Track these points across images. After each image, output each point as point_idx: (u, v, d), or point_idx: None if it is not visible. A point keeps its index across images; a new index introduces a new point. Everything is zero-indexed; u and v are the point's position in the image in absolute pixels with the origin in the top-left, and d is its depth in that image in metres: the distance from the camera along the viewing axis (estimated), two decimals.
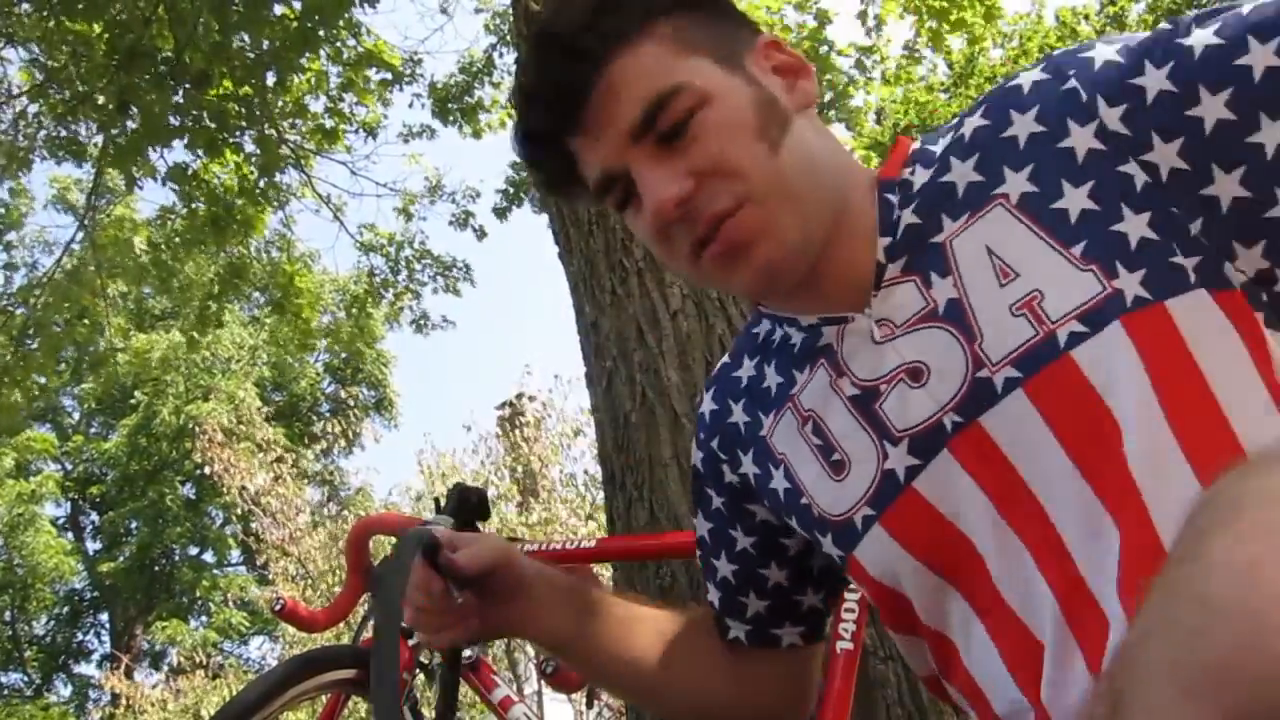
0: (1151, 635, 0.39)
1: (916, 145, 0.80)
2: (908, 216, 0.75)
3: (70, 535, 16.73)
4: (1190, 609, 0.37)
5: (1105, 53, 0.69)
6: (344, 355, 16.20)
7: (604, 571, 2.10)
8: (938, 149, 0.77)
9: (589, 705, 1.98)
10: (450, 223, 7.29)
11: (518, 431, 8.88)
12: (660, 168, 0.73)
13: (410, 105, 6.27)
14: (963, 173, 0.73)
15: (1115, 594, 0.62)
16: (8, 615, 15.85)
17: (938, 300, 0.71)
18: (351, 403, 14.41)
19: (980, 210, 0.71)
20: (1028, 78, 0.73)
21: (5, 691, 15.68)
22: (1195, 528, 0.41)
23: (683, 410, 1.83)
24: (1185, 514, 0.42)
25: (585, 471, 8.45)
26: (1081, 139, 0.68)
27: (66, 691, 16.40)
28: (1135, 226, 0.66)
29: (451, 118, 6.25)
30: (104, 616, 16.85)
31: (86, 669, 16.55)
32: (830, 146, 0.80)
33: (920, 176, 0.76)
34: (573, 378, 8.83)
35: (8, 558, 15.20)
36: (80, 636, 16.85)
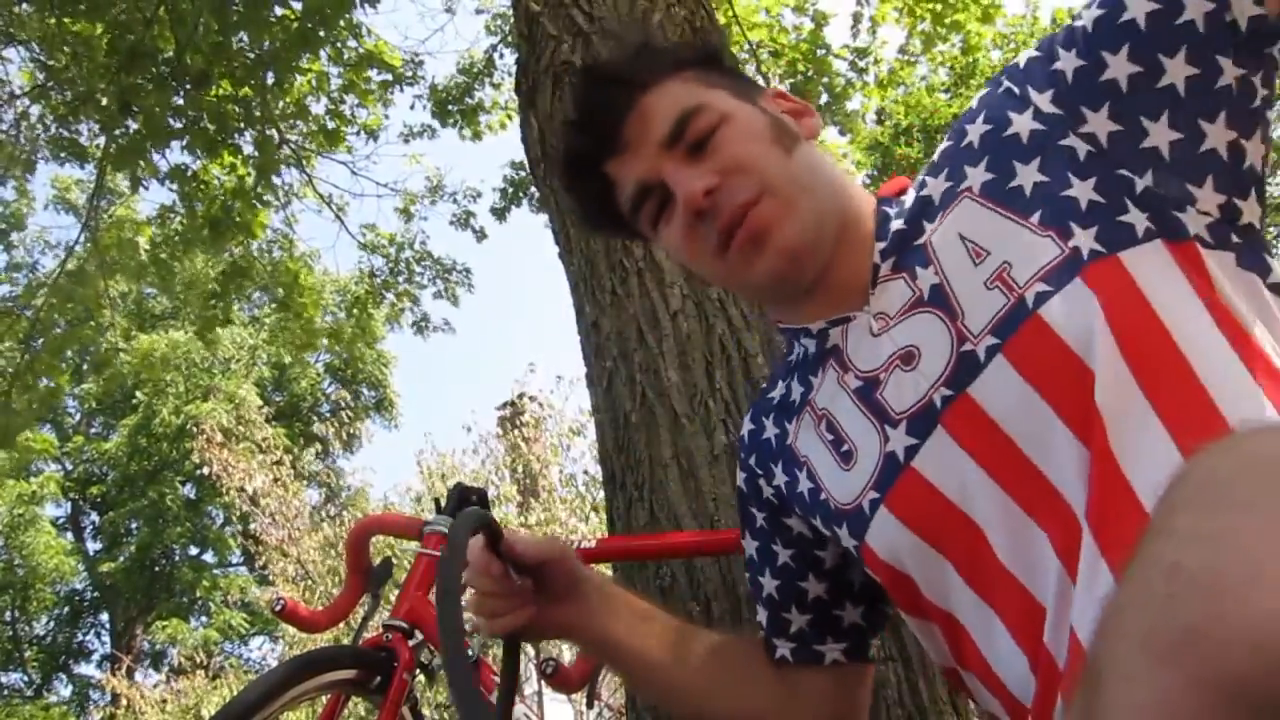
0: (1126, 607, 0.40)
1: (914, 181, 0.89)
2: (896, 224, 0.84)
3: (70, 535, 16.72)
4: (1161, 579, 0.39)
5: (1028, 54, 0.80)
6: (344, 355, 16.20)
7: (604, 571, 2.10)
8: (923, 177, 0.85)
9: (589, 705, 1.98)
10: (451, 223, 7.29)
11: (518, 431, 8.88)
12: (689, 168, 0.84)
13: (411, 106, 6.26)
14: (936, 185, 0.82)
15: (1089, 527, 0.65)
16: (8, 615, 15.85)
17: (923, 289, 0.78)
18: (350, 403, 14.39)
19: (950, 207, 0.79)
20: (975, 98, 0.83)
21: (5, 691, 15.68)
22: (1169, 503, 0.43)
23: (683, 410, 1.83)
24: (1161, 490, 0.44)
25: (585, 472, 8.45)
26: (1023, 123, 0.76)
27: (66, 691, 16.41)
28: (1083, 191, 0.73)
29: (451, 119, 6.25)
30: (104, 616, 16.84)
31: (86, 669, 16.56)
32: (836, 170, 0.89)
33: (910, 197, 0.86)
34: (574, 378, 8.83)
35: (8, 558, 15.20)
36: (80, 636, 16.85)
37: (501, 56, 6.45)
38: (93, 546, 16.99)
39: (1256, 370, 0.67)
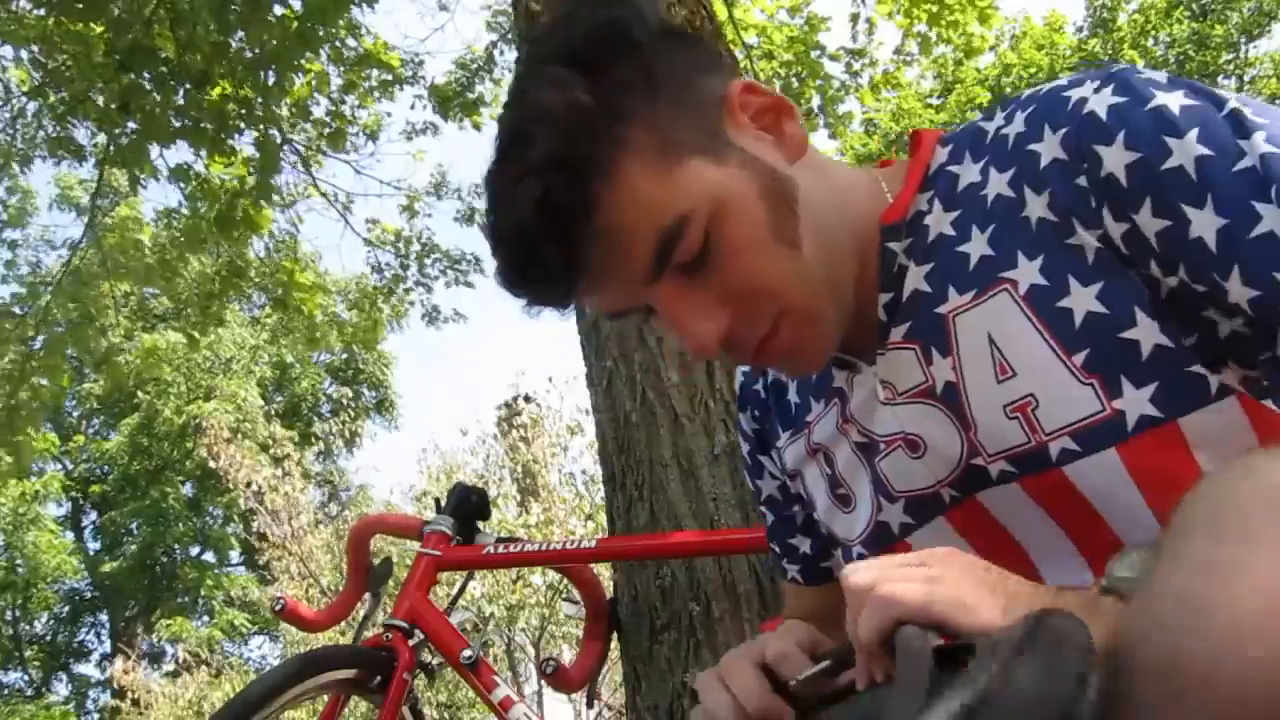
0: (1137, 639, 0.39)
1: (942, 158, 0.73)
2: (915, 279, 0.71)
3: (71, 535, 16.73)
4: (1173, 611, 0.37)
5: (1117, 154, 0.61)
6: (345, 355, 16.18)
7: (604, 571, 2.10)
8: (961, 176, 0.71)
9: (589, 705, 1.98)
10: (455, 219, 7.28)
11: (517, 431, 8.88)
12: (688, 301, 0.68)
13: (411, 106, 6.25)
14: (978, 245, 0.68)
15: None
16: (9, 615, 15.85)
17: (936, 379, 0.69)
18: (352, 403, 14.40)
19: (987, 291, 0.67)
20: (1046, 145, 0.65)
21: (5, 691, 15.68)
22: (1179, 527, 0.42)
23: (683, 410, 1.84)
24: (1172, 514, 0.43)
25: (584, 471, 8.45)
26: (1088, 239, 0.63)
27: (66, 691, 16.41)
28: (1148, 333, 0.61)
29: (453, 113, 6.24)
30: (104, 616, 16.85)
31: (86, 669, 16.58)
32: (833, 190, 0.73)
33: (936, 220, 0.71)
34: (570, 378, 8.84)
35: (9, 557, 15.20)
36: (80, 636, 16.86)
37: (502, 54, 6.45)
38: (93, 546, 17.00)
39: None
